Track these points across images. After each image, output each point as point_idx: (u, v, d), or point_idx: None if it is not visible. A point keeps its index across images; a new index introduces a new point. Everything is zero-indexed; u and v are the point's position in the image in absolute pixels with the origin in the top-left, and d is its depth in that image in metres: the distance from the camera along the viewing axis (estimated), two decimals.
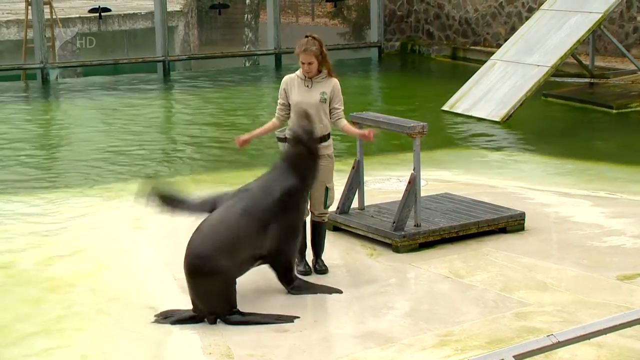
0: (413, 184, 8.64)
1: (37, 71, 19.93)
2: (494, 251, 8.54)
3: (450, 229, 8.81)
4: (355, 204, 9.26)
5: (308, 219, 8.02)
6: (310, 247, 8.19)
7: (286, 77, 8.07)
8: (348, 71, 21.19)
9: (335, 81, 8.00)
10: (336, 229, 9.16)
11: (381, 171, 11.76)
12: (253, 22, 30.22)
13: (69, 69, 22.25)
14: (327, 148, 7.95)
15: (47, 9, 21.21)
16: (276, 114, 8.08)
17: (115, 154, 13.27)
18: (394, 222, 8.66)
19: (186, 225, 9.45)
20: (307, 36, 7.99)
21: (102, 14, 24.20)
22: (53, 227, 9.66)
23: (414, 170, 8.66)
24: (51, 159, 13.22)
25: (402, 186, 9.38)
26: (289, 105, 7.99)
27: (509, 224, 9.10)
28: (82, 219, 9.93)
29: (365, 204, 9.33)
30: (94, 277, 8.14)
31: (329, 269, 8.12)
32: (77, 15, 25.98)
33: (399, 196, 9.00)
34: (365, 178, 9.43)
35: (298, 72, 8.03)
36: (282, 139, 8.04)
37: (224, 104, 17.50)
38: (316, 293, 7.63)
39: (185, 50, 27.04)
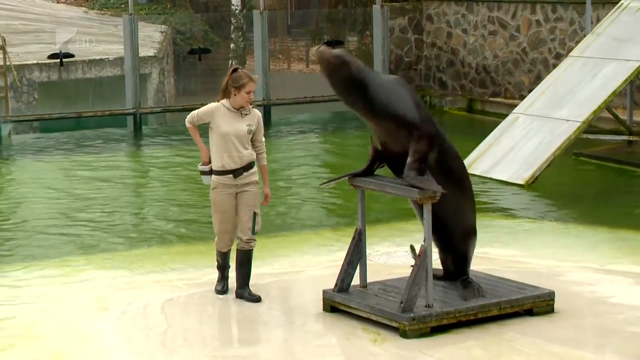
0: (424, 258, 8.62)
1: None
2: (518, 337, 8.50)
3: (468, 311, 8.77)
4: (356, 280, 9.23)
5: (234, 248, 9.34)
6: (237, 277, 9.38)
7: (214, 104, 9.28)
8: (348, 126, 21.23)
9: (259, 114, 9.39)
10: (334, 309, 9.12)
11: (386, 242, 11.74)
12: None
13: (23, 124, 22.28)
14: (254, 175, 9.31)
15: None
16: (192, 121, 9.34)
17: (76, 223, 13.25)
18: (401, 302, 8.63)
19: (157, 305, 9.43)
20: (237, 69, 9.29)
21: (64, 59, 24.30)
22: (5, 308, 9.60)
23: (424, 241, 8.65)
24: (2, 229, 13.20)
25: (411, 260, 9.36)
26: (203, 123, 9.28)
27: (536, 304, 9.06)
28: (39, 298, 9.88)
29: (368, 281, 9.31)
30: None
31: (321, 349, 8.10)
32: (35, 62, 26.09)
33: (407, 272, 8.98)
34: (368, 250, 9.41)
35: (224, 102, 9.22)
36: (206, 172, 9.37)
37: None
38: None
39: (159, 102, 27.15)
